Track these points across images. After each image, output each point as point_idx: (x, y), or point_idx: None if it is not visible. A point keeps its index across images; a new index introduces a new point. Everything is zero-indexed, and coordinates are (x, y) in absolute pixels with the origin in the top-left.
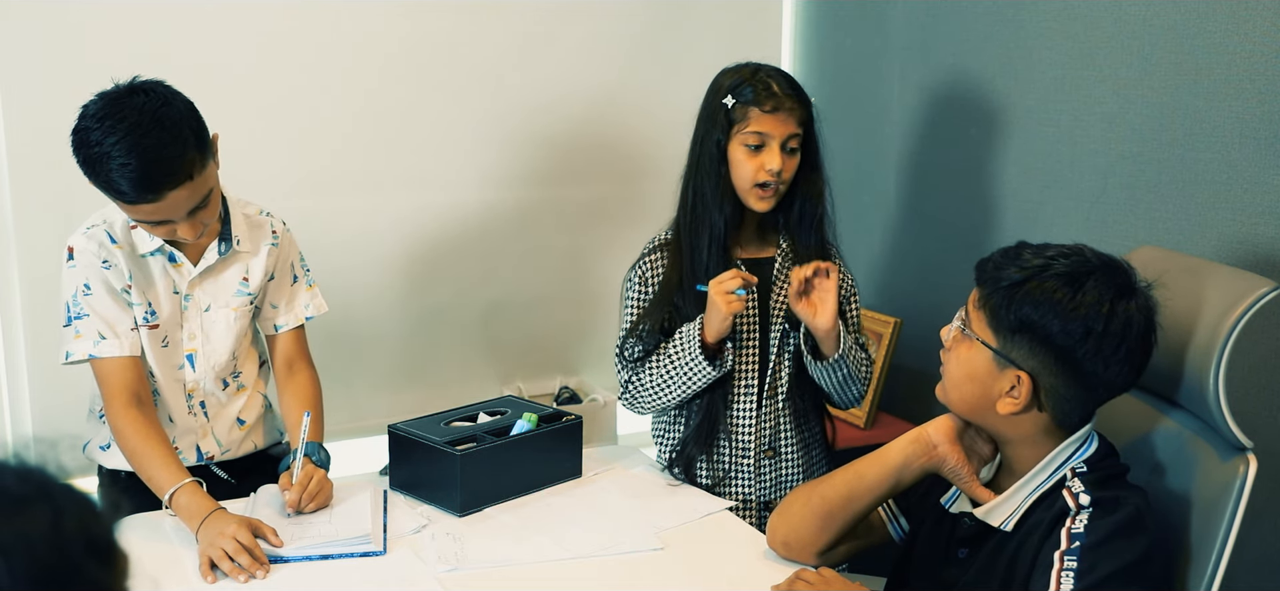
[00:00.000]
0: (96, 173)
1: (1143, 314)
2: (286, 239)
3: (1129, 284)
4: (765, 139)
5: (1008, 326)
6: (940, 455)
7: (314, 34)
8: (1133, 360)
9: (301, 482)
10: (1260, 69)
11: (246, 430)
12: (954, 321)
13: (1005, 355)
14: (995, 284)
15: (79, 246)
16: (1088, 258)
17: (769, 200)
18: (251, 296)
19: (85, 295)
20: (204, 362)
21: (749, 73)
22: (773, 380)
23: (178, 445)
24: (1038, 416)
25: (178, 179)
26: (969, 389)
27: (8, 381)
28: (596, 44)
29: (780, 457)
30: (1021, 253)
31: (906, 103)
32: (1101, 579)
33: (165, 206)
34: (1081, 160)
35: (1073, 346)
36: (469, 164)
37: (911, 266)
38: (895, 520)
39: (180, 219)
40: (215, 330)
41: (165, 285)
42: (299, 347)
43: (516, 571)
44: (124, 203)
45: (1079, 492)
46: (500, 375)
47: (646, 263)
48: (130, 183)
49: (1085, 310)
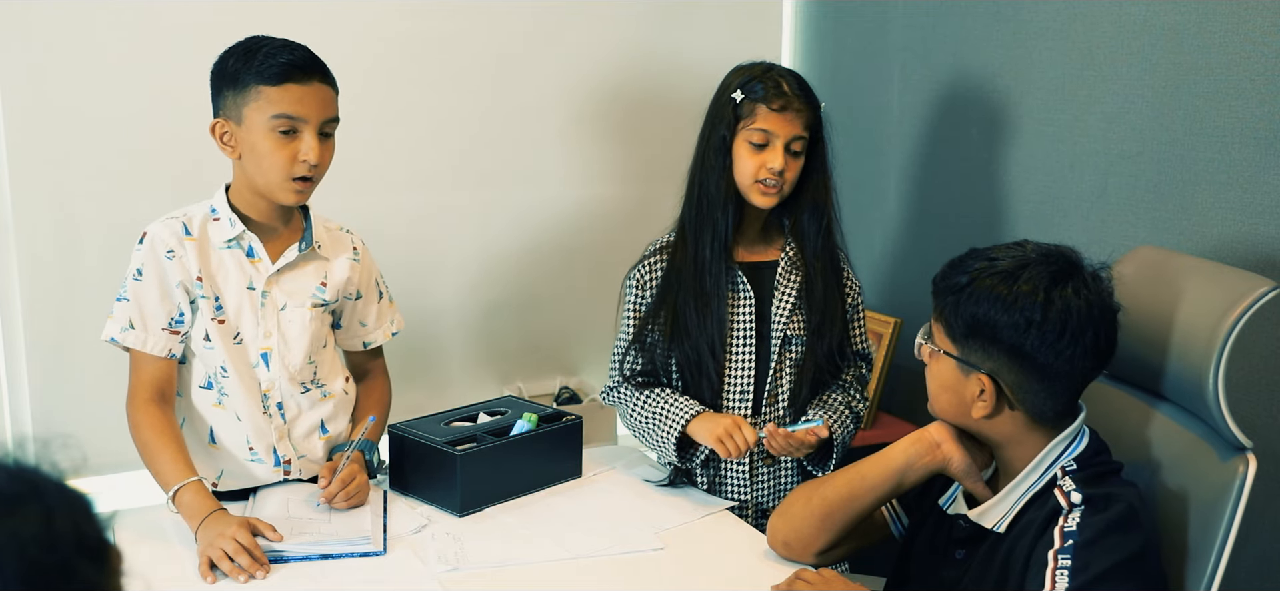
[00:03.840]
0: (248, 61)
1: (1083, 299)
2: (367, 256)
3: (1067, 269)
4: (770, 137)
5: (960, 332)
6: (944, 454)
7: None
8: (1080, 344)
9: (344, 477)
10: (1260, 69)
11: (330, 438)
12: (918, 338)
13: (965, 360)
14: (945, 292)
15: (152, 233)
16: (1026, 251)
17: (771, 197)
18: (328, 304)
19: (134, 280)
20: (278, 363)
21: (761, 70)
22: (772, 388)
23: (252, 446)
24: (1013, 415)
25: (326, 76)
26: (945, 399)
27: (7, 380)
28: (596, 44)
29: (779, 463)
30: (967, 259)
31: (907, 103)
32: (1095, 576)
33: (310, 95)
34: (1081, 160)
35: (1018, 339)
36: (468, 164)
37: (912, 266)
38: (897, 518)
39: (314, 120)
40: (291, 330)
41: (239, 280)
42: (381, 362)
43: (516, 571)
44: (273, 84)
45: (1070, 490)
46: (500, 375)
47: (646, 266)
48: (287, 60)
49: (1022, 301)
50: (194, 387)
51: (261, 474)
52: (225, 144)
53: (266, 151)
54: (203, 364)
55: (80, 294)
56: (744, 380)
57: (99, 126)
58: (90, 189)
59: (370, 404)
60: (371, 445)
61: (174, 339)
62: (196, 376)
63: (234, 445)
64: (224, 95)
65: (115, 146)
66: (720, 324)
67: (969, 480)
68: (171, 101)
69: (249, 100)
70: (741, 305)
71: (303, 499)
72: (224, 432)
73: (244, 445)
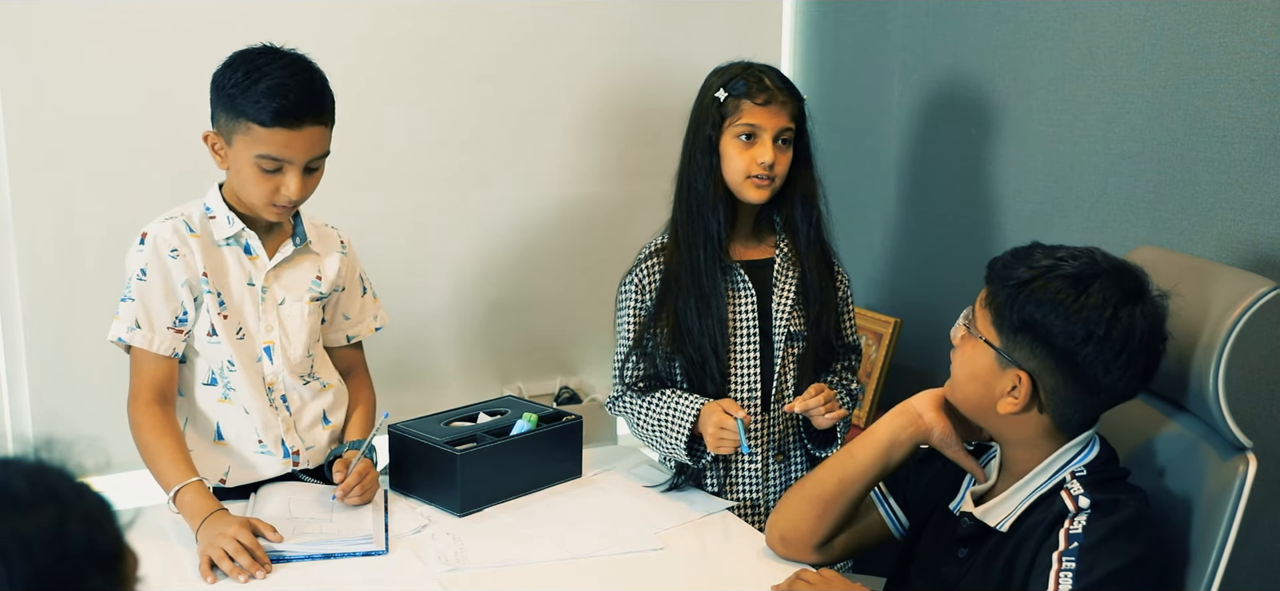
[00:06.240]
0: (246, 90)
1: (1147, 321)
2: (352, 251)
3: (1136, 290)
4: (757, 131)
5: (1011, 325)
6: (927, 424)
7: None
8: (1134, 367)
9: (360, 471)
10: (1260, 69)
11: (332, 429)
12: (960, 320)
13: (1007, 354)
14: (1003, 282)
15: (152, 232)
16: (1097, 261)
17: (764, 190)
18: (324, 297)
19: (139, 280)
20: (280, 356)
21: (741, 68)
22: (779, 385)
23: (262, 439)
24: (1038, 418)
25: (320, 116)
26: (971, 388)
27: (8, 380)
28: (596, 43)
29: (789, 460)
30: (1032, 252)
31: (906, 103)
32: (1100, 579)
33: (299, 139)
34: (1081, 160)
35: (1073, 349)
36: (468, 164)
37: (911, 266)
38: (895, 517)
39: (300, 162)
40: (291, 324)
41: (239, 276)
42: (362, 357)
43: (516, 571)
44: (263, 125)
45: (1078, 495)
46: (500, 375)
47: (643, 270)
48: (280, 103)
49: (1088, 313)
50: (197, 386)
51: (270, 467)
52: (216, 153)
53: (249, 180)
54: (206, 361)
55: (80, 294)
56: (750, 379)
57: (99, 127)
58: (90, 189)
59: (360, 400)
60: (372, 446)
61: (178, 338)
62: (200, 374)
63: (242, 440)
64: (219, 113)
65: (115, 147)
66: (722, 323)
67: (950, 449)
68: (172, 102)
69: (239, 130)
70: (743, 304)
71: (304, 498)
72: (231, 428)
73: (253, 439)
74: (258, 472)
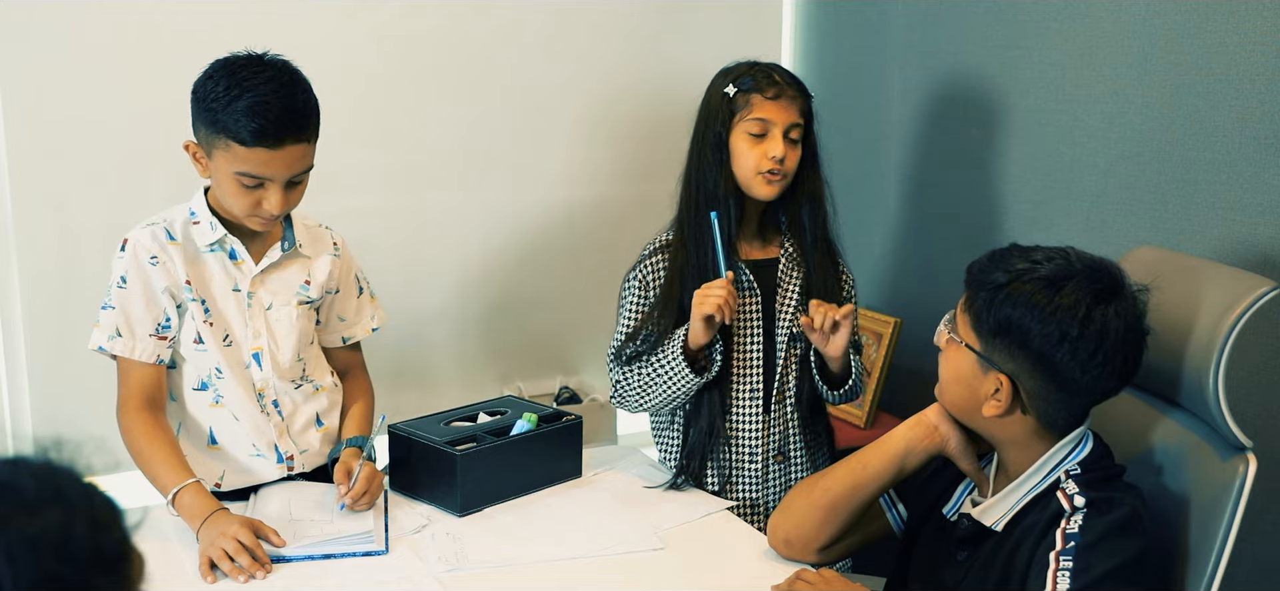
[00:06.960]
0: (227, 104)
1: (1123, 319)
2: (347, 252)
3: (1111, 288)
4: (768, 126)
5: (989, 329)
6: (943, 436)
7: (310, 34)
8: (1111, 366)
9: (367, 477)
10: (1260, 69)
11: (326, 431)
12: (941, 324)
13: (987, 358)
14: (980, 286)
15: (133, 239)
16: (1072, 261)
17: (775, 185)
18: (314, 301)
19: (119, 288)
20: (269, 362)
21: (748, 65)
22: (780, 386)
23: (254, 444)
24: (1023, 419)
25: (301, 134)
26: (956, 391)
27: (8, 380)
28: (596, 44)
29: (789, 461)
30: (1009, 255)
31: (906, 102)
32: (1097, 578)
33: (279, 158)
34: (1081, 160)
35: (1050, 351)
36: (468, 164)
37: (911, 266)
38: (893, 508)
39: (280, 180)
40: (279, 329)
41: (224, 282)
42: (359, 357)
43: (516, 571)
44: (242, 144)
45: (1073, 494)
46: (500, 375)
47: (647, 266)
48: (260, 124)
49: (1062, 314)
50: (187, 391)
51: (265, 471)
52: (197, 162)
53: (230, 193)
54: (195, 367)
55: (79, 295)
56: (752, 379)
57: (98, 128)
58: (90, 191)
59: (357, 400)
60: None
61: (161, 344)
62: (189, 380)
63: (235, 445)
64: (199, 125)
65: (115, 148)
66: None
67: (965, 461)
68: (171, 103)
69: (218, 146)
70: (748, 303)
71: (304, 499)
72: (224, 433)
73: (246, 444)
74: (255, 477)
